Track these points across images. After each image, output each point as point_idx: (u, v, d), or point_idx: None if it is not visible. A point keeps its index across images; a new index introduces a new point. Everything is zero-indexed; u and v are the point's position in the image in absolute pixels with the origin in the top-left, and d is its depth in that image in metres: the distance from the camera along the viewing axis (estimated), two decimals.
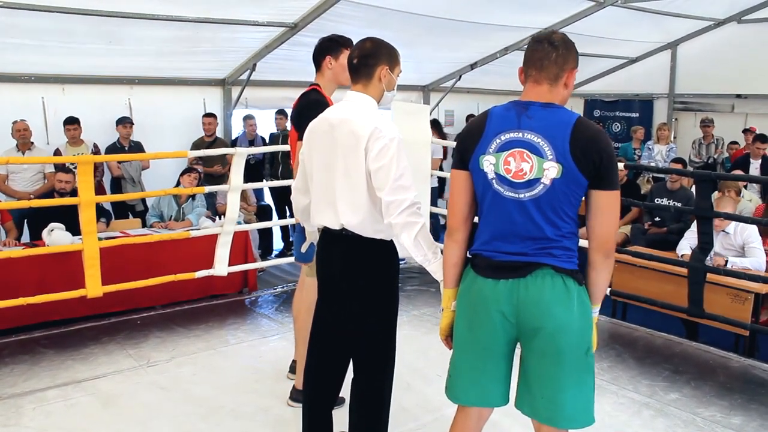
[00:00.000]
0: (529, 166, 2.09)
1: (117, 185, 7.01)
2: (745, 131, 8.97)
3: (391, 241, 2.59)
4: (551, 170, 2.07)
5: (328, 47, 3.35)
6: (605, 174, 2.09)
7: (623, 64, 10.81)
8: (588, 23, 8.23)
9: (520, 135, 2.11)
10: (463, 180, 2.25)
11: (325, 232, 2.63)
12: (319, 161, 2.59)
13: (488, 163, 2.15)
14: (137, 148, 6.95)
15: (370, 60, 2.54)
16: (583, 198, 2.16)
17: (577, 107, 11.94)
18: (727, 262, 4.93)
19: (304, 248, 3.11)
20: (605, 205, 2.13)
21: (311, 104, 3.19)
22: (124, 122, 6.94)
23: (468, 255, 2.30)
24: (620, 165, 5.66)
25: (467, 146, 2.21)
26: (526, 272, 2.14)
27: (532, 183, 2.10)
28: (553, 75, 2.15)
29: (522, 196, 2.11)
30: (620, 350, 4.37)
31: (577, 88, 11.77)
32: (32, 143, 6.43)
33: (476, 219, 2.29)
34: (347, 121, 2.49)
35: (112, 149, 6.93)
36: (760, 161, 7.81)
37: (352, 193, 2.49)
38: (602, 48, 9.76)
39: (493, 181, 2.15)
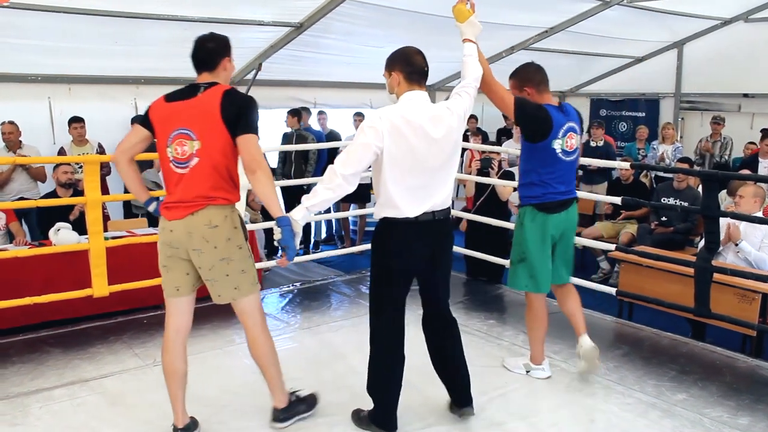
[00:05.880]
0: (573, 141, 3.60)
1: None
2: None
3: None
4: (577, 140, 3.65)
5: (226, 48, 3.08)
6: None
7: (629, 63, 10.79)
8: (594, 22, 8.22)
9: (570, 124, 3.58)
10: None
11: (422, 217, 2.99)
12: (416, 155, 2.93)
13: (558, 144, 3.52)
14: (150, 147, 6.96)
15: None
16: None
17: (583, 107, 11.91)
18: (738, 244, 5.02)
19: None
20: None
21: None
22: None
23: (533, 201, 3.61)
24: (626, 164, 5.71)
25: (542, 131, 3.49)
26: (570, 204, 3.70)
27: (575, 151, 3.64)
28: None
29: (571, 159, 3.62)
30: (626, 350, 4.36)
31: (583, 88, 11.76)
32: (20, 142, 6.48)
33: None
34: (441, 115, 3.03)
35: None
36: None
37: (450, 177, 3.09)
38: (608, 47, 9.74)
39: (560, 153, 3.54)
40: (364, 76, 8.64)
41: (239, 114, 2.88)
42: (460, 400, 3.36)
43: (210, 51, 3.01)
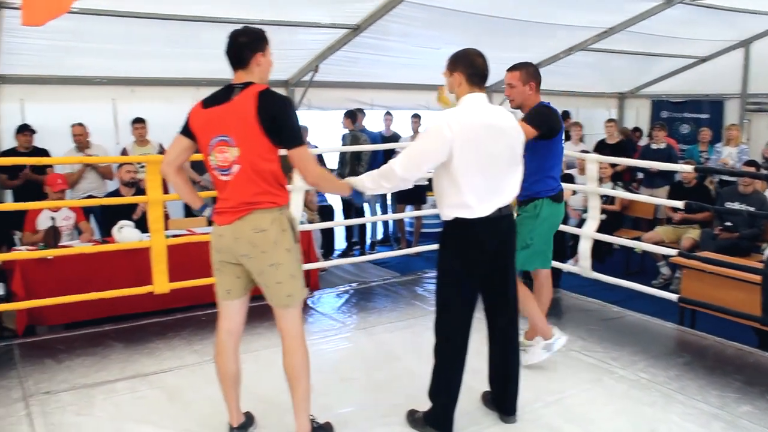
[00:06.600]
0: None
1: None
2: None
3: None
4: None
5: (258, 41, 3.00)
6: None
7: (692, 63, 10.46)
8: (655, 22, 8.01)
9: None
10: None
11: (493, 214, 3.06)
12: (485, 155, 3.00)
13: (563, 136, 3.82)
14: None
15: None
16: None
17: (643, 108, 11.64)
18: None
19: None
20: None
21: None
22: None
23: (550, 193, 3.83)
24: (689, 168, 5.55)
25: (558, 127, 3.79)
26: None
27: None
28: None
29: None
30: (688, 359, 4.23)
31: (644, 89, 11.48)
32: (89, 142, 6.72)
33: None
34: (503, 116, 3.12)
35: None
36: None
37: (518, 174, 3.19)
38: (670, 47, 9.48)
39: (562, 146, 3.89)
40: (421, 78, 8.62)
41: (281, 122, 2.78)
42: (507, 407, 3.36)
43: (241, 46, 2.89)
